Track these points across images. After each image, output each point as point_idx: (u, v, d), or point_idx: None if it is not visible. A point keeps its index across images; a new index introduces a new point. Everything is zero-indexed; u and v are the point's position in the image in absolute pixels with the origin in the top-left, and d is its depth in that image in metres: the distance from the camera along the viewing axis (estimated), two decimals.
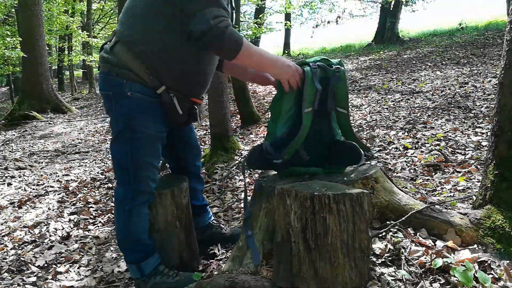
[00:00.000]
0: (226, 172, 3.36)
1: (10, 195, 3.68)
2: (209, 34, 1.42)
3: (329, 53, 15.24)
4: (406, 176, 2.69)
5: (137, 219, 1.68)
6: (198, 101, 1.70)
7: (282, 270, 1.36)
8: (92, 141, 6.38)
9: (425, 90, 5.79)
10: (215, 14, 1.42)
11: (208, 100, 3.85)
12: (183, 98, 1.61)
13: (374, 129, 4.18)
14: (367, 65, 9.80)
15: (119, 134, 1.61)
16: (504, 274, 1.34)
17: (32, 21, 9.04)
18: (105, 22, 19.77)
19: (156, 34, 1.51)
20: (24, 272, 2.21)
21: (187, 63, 1.58)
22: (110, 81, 1.57)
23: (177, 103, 1.59)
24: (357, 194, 1.29)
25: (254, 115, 5.69)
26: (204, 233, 2.11)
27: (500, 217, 1.53)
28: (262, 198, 1.66)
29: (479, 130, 3.50)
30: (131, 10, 1.54)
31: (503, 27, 10.49)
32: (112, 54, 1.56)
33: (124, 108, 1.56)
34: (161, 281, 1.71)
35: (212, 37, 1.43)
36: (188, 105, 1.65)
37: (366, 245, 1.33)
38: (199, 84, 1.68)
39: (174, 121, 1.65)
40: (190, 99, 1.65)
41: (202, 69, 1.64)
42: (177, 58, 1.55)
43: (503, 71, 1.56)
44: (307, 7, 14.55)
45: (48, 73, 9.71)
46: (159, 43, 1.52)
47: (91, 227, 2.81)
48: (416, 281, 1.35)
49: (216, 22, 1.42)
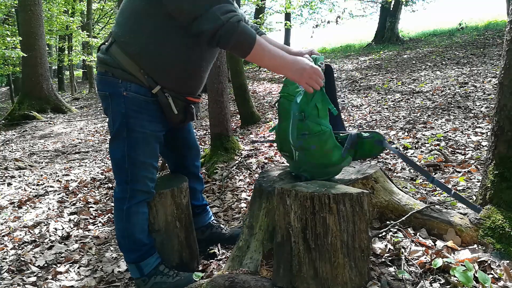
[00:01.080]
0: (226, 172, 3.35)
1: (10, 195, 3.68)
2: (222, 30, 1.38)
3: (329, 53, 15.24)
4: (406, 176, 2.69)
5: (135, 218, 1.68)
6: (194, 100, 1.70)
7: (282, 270, 1.36)
8: (92, 141, 6.38)
9: (425, 90, 5.79)
10: (224, 9, 1.39)
11: (208, 100, 3.85)
12: (179, 97, 1.62)
13: (374, 129, 4.18)
14: (367, 65, 9.80)
15: (117, 134, 1.61)
16: (504, 274, 1.34)
17: (32, 21, 9.05)
18: (105, 22, 19.79)
19: (150, 35, 1.50)
20: (24, 272, 2.21)
21: (181, 63, 1.57)
22: (106, 81, 1.58)
23: (172, 102, 1.59)
24: (357, 194, 1.29)
25: (254, 115, 5.69)
26: (204, 233, 2.11)
27: (500, 217, 1.53)
28: (262, 198, 1.66)
29: (479, 130, 3.50)
30: (126, 11, 1.54)
31: (503, 27, 10.50)
32: (108, 55, 1.56)
33: (120, 107, 1.57)
34: (161, 281, 1.71)
35: (224, 33, 1.38)
36: (184, 104, 1.65)
37: (366, 245, 1.33)
38: (194, 83, 1.67)
39: (171, 121, 1.66)
40: (186, 98, 1.65)
41: (197, 68, 1.63)
42: (170, 58, 1.55)
43: (503, 71, 1.56)
44: (307, 7, 14.55)
45: (48, 73, 9.71)
46: (153, 44, 1.51)
47: (91, 227, 2.81)
48: (416, 281, 1.35)
49: (228, 18, 1.38)
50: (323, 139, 1.51)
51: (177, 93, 1.61)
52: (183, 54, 1.56)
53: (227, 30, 1.38)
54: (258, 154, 3.82)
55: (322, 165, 1.56)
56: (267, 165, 3.47)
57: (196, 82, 1.68)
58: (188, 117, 1.70)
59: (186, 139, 1.96)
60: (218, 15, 1.37)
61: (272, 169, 1.90)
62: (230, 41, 1.40)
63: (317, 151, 1.52)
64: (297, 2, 12.53)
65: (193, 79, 1.66)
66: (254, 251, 1.60)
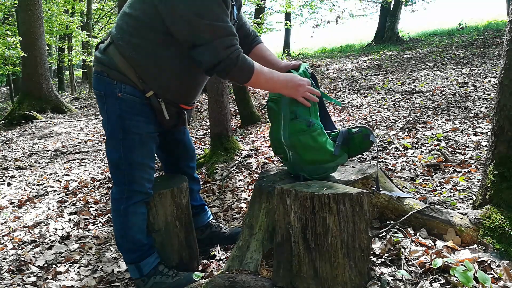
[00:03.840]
0: (226, 172, 3.35)
1: (10, 195, 3.67)
2: (221, 65, 1.42)
3: (329, 53, 15.24)
4: (406, 176, 2.69)
5: (133, 218, 1.68)
6: (187, 107, 1.71)
7: (282, 270, 1.36)
8: (92, 141, 6.38)
9: (425, 90, 5.79)
10: (226, 44, 1.41)
11: (208, 100, 3.85)
12: (172, 104, 1.63)
13: (374, 129, 4.18)
14: (367, 65, 9.80)
15: (112, 134, 1.62)
16: (504, 274, 1.34)
17: (32, 21, 9.04)
18: (105, 22, 19.78)
19: (149, 45, 1.50)
20: (24, 272, 2.21)
21: (176, 76, 1.58)
22: (102, 81, 1.58)
23: (165, 108, 1.60)
24: (357, 194, 1.29)
25: (254, 115, 5.69)
26: (203, 232, 2.11)
27: (500, 217, 1.53)
28: (262, 198, 1.66)
29: (479, 130, 3.50)
30: (128, 16, 1.53)
31: (503, 27, 10.50)
32: (105, 55, 1.56)
33: (115, 109, 1.57)
34: (161, 281, 1.71)
35: (224, 68, 1.43)
36: (177, 110, 1.66)
37: (366, 245, 1.33)
38: (189, 95, 1.69)
39: (163, 124, 1.67)
40: (179, 105, 1.66)
41: (193, 83, 1.65)
42: (167, 71, 1.55)
43: (503, 71, 1.55)
44: (307, 7, 14.54)
45: (48, 73, 9.70)
46: (151, 54, 1.51)
47: (91, 227, 2.81)
48: (416, 281, 1.35)
49: (228, 53, 1.41)
50: (314, 136, 1.54)
51: (171, 101, 1.62)
52: (182, 69, 1.57)
53: (227, 65, 1.42)
54: (258, 154, 3.82)
55: (316, 162, 1.57)
56: (267, 165, 3.46)
57: (191, 94, 1.70)
58: (180, 122, 1.71)
59: (181, 141, 1.96)
60: (218, 50, 1.40)
61: (272, 169, 1.90)
62: (228, 74, 1.46)
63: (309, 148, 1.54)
64: (297, 2, 12.53)
65: (188, 92, 1.68)
66: (254, 251, 1.59)
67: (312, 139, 1.53)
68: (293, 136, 1.54)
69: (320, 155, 1.56)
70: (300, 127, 1.54)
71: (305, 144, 1.54)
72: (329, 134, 1.63)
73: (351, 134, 1.60)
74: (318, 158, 1.56)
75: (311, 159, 1.57)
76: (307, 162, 1.58)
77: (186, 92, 1.67)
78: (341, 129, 1.61)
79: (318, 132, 1.55)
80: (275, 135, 1.64)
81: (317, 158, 1.56)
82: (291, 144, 1.56)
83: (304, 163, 1.58)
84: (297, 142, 1.54)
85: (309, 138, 1.53)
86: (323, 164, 1.58)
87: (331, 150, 1.56)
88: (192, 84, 1.65)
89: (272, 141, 1.71)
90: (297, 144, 1.55)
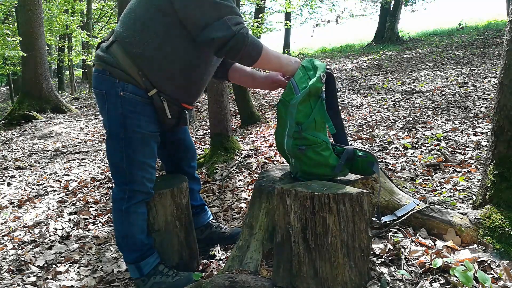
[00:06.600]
0: (226, 172, 3.35)
1: (10, 195, 3.68)
2: (233, 40, 1.41)
3: (329, 53, 15.24)
4: (406, 176, 2.69)
5: (134, 218, 1.68)
6: (188, 107, 1.71)
7: (282, 270, 1.36)
8: (92, 141, 6.38)
9: (425, 90, 5.79)
10: (236, 21, 1.42)
11: (208, 100, 3.85)
12: (174, 102, 1.63)
13: (374, 129, 4.18)
14: (367, 65, 9.80)
15: (113, 134, 1.61)
16: (504, 274, 1.34)
17: (32, 21, 9.04)
18: (105, 22, 19.78)
19: (155, 40, 1.50)
20: (24, 272, 2.21)
21: (182, 73, 1.58)
22: (103, 79, 1.57)
23: (167, 107, 1.60)
24: (357, 194, 1.29)
25: (254, 115, 5.69)
26: (203, 232, 2.11)
27: (500, 217, 1.53)
28: (262, 198, 1.66)
29: (479, 130, 3.50)
30: (133, 13, 1.53)
31: (503, 27, 10.50)
32: (108, 53, 1.56)
33: (117, 108, 1.56)
34: (161, 281, 1.71)
35: (235, 44, 1.42)
36: (178, 109, 1.66)
37: (366, 245, 1.33)
38: (192, 93, 1.69)
39: (164, 123, 1.67)
40: (181, 104, 1.66)
41: (198, 81, 1.66)
42: (173, 67, 1.55)
43: (503, 71, 1.55)
44: (307, 6, 14.55)
45: (48, 73, 9.70)
46: (157, 49, 1.51)
47: (91, 227, 2.81)
48: (416, 281, 1.35)
49: (239, 29, 1.41)
50: (318, 151, 1.52)
51: (173, 99, 1.62)
52: (188, 66, 1.57)
53: (238, 41, 1.42)
54: (258, 154, 3.82)
55: (316, 175, 1.57)
56: (267, 165, 3.46)
57: (195, 93, 1.71)
58: (181, 122, 1.71)
59: (181, 141, 1.96)
60: (229, 25, 1.40)
61: (272, 169, 1.90)
62: (240, 52, 1.44)
63: (311, 161, 1.53)
64: (297, 1, 12.51)
65: (192, 90, 1.68)
66: (254, 251, 1.59)
67: (315, 153, 1.52)
68: (296, 148, 1.53)
69: (321, 169, 1.55)
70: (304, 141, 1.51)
71: (308, 157, 1.53)
72: (334, 147, 1.61)
73: (356, 156, 1.57)
74: (318, 172, 1.55)
75: (311, 172, 1.56)
76: (307, 174, 1.58)
77: (191, 90, 1.67)
78: (347, 148, 1.57)
79: (322, 148, 1.52)
80: (279, 139, 1.64)
81: (317, 172, 1.55)
82: (294, 154, 1.56)
83: (304, 173, 1.59)
84: (300, 154, 1.53)
85: (312, 152, 1.52)
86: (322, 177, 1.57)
87: (333, 165, 1.54)
88: (197, 81, 1.65)
89: (276, 142, 1.71)
90: (300, 156, 1.54)
